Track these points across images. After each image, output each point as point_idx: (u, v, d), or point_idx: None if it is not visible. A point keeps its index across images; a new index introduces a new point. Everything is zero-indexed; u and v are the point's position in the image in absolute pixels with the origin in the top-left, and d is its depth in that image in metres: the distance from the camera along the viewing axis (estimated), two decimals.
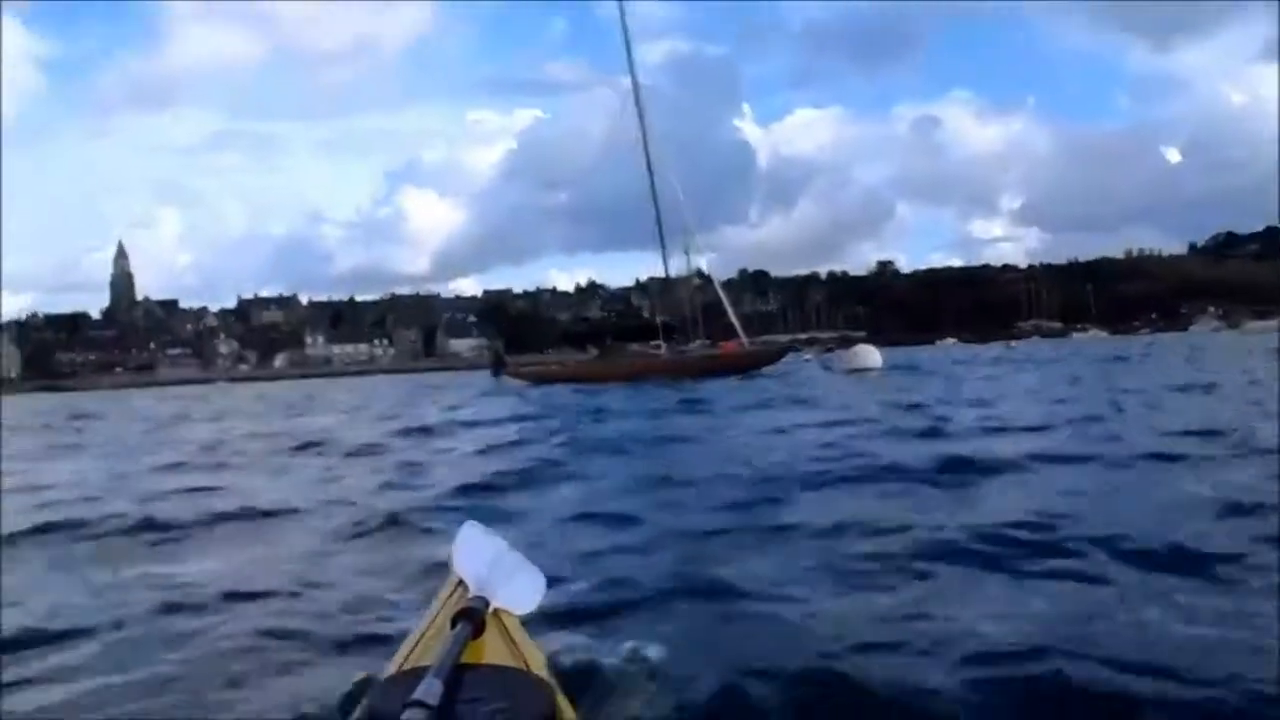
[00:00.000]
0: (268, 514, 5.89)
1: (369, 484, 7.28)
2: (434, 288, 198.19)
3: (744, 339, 31.94)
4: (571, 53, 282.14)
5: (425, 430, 12.93)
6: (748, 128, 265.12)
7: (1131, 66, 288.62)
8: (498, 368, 37.43)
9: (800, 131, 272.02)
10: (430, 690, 1.30)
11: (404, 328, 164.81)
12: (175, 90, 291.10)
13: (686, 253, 33.85)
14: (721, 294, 34.53)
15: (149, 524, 5.51)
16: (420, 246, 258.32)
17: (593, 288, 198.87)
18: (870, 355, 27.90)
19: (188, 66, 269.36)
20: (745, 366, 28.89)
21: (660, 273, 34.04)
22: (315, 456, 9.91)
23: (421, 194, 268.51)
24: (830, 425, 10.13)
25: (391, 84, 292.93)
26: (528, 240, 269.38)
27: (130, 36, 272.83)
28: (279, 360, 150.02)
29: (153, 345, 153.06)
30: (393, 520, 5.25)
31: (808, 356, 43.82)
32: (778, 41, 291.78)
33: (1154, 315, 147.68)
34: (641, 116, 32.96)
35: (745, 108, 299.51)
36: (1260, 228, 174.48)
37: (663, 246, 33.14)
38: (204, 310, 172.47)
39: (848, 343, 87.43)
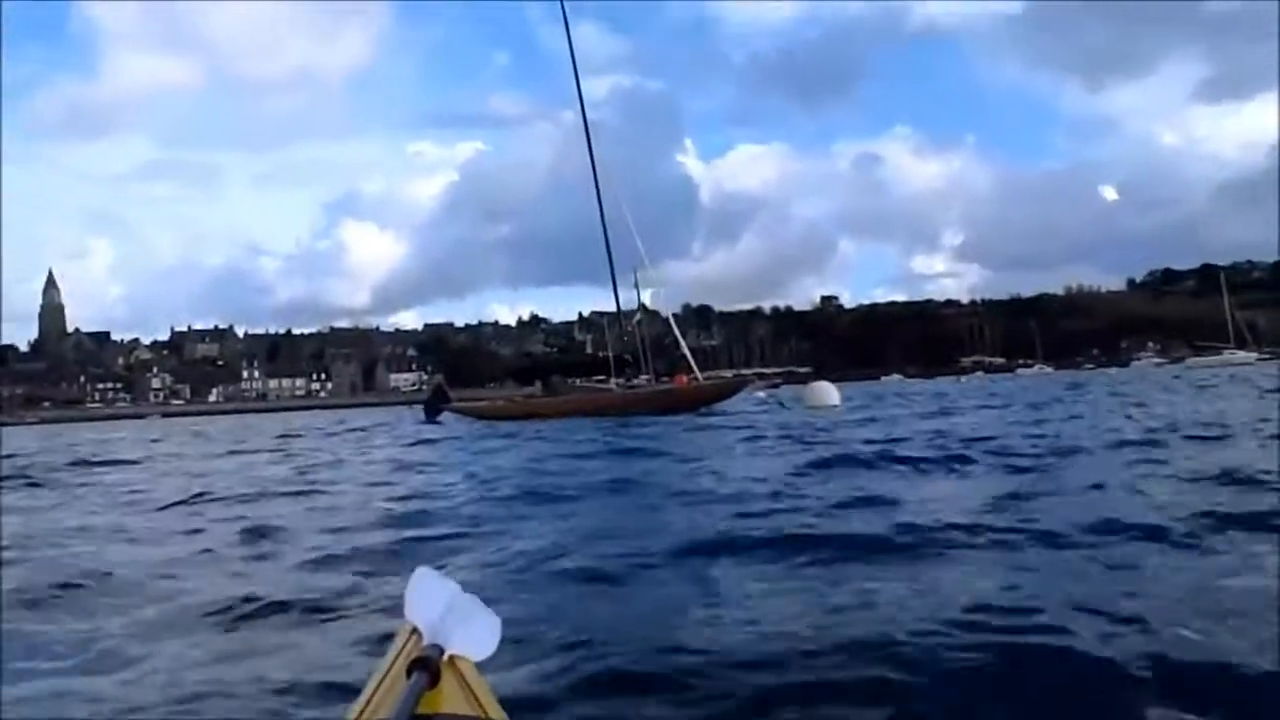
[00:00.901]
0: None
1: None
2: (374, 321, 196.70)
3: (697, 374, 30.62)
4: (514, 86, 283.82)
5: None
6: (690, 163, 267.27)
7: (1068, 106, 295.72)
8: (435, 404, 33.80)
9: (743, 167, 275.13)
10: None
11: (343, 362, 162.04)
12: (111, 118, 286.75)
13: (636, 286, 32.39)
14: (675, 327, 33.22)
15: None
16: (360, 279, 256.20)
17: (535, 321, 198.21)
18: (829, 392, 26.69)
19: (124, 94, 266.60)
20: (700, 402, 27.56)
21: (603, 307, 32.78)
22: None
23: (361, 226, 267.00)
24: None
25: (332, 114, 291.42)
26: (469, 273, 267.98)
27: (65, 62, 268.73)
28: (213, 394, 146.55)
29: (82, 379, 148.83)
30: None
31: (761, 393, 42.51)
32: (720, 77, 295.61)
33: (1095, 351, 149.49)
34: (591, 147, 31.56)
35: (688, 143, 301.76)
36: (1196, 264, 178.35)
37: (614, 280, 31.68)
38: (136, 342, 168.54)
39: (793, 378, 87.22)
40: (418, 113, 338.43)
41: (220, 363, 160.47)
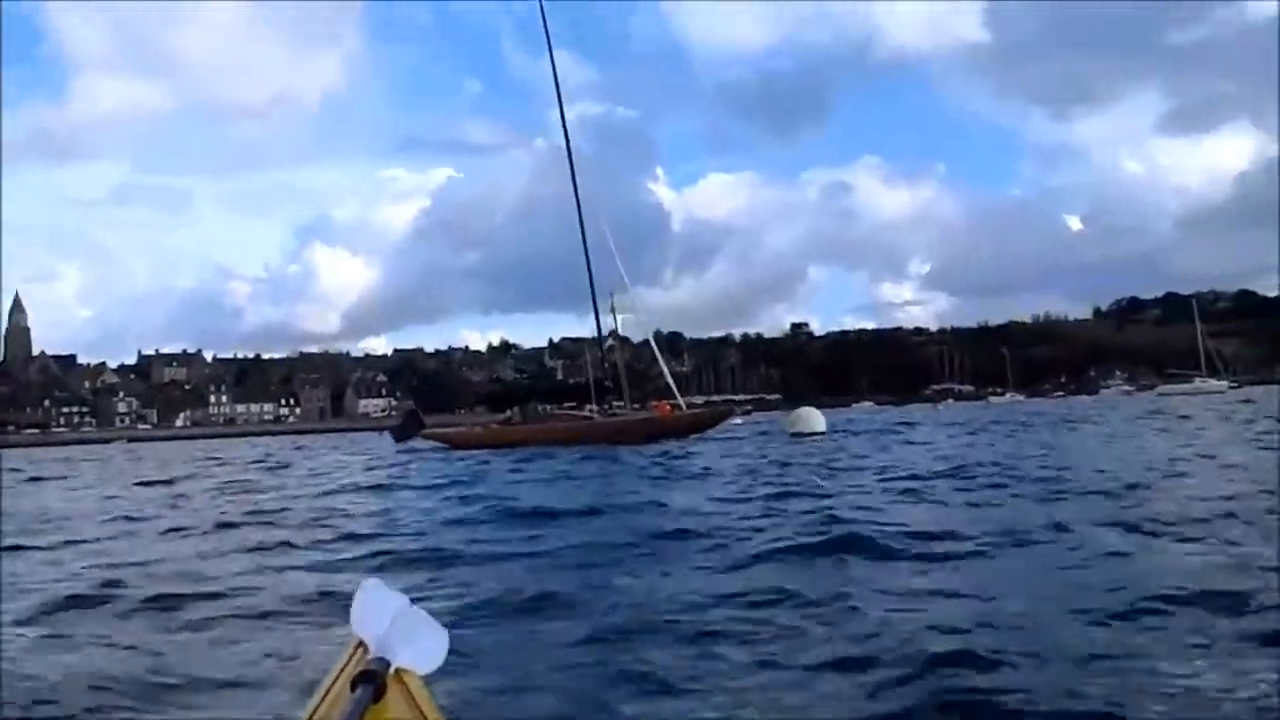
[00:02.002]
0: None
1: None
2: (343, 346, 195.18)
3: (680, 401, 30.15)
4: (486, 113, 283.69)
5: None
6: (661, 191, 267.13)
7: (1034, 135, 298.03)
8: (407, 430, 32.97)
9: (714, 195, 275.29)
10: None
11: (311, 387, 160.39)
12: (81, 141, 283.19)
13: (613, 311, 31.84)
14: (658, 353, 32.83)
15: None
16: (330, 304, 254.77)
17: (506, 347, 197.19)
18: (815, 419, 26.42)
19: (95, 117, 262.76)
20: (686, 430, 27.14)
21: (574, 333, 32.35)
22: None
23: (332, 251, 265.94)
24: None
25: (304, 140, 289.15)
26: (440, 299, 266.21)
27: (35, 84, 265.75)
28: (180, 419, 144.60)
29: (47, 403, 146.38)
30: None
31: (737, 420, 42.13)
32: (690, 106, 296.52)
33: (1063, 379, 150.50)
34: (573, 168, 31.26)
35: (659, 171, 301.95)
36: (1161, 293, 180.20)
37: (595, 304, 31.21)
38: (102, 366, 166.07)
39: (764, 405, 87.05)
40: (390, 139, 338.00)
41: (188, 387, 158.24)
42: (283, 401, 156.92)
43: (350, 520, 9.09)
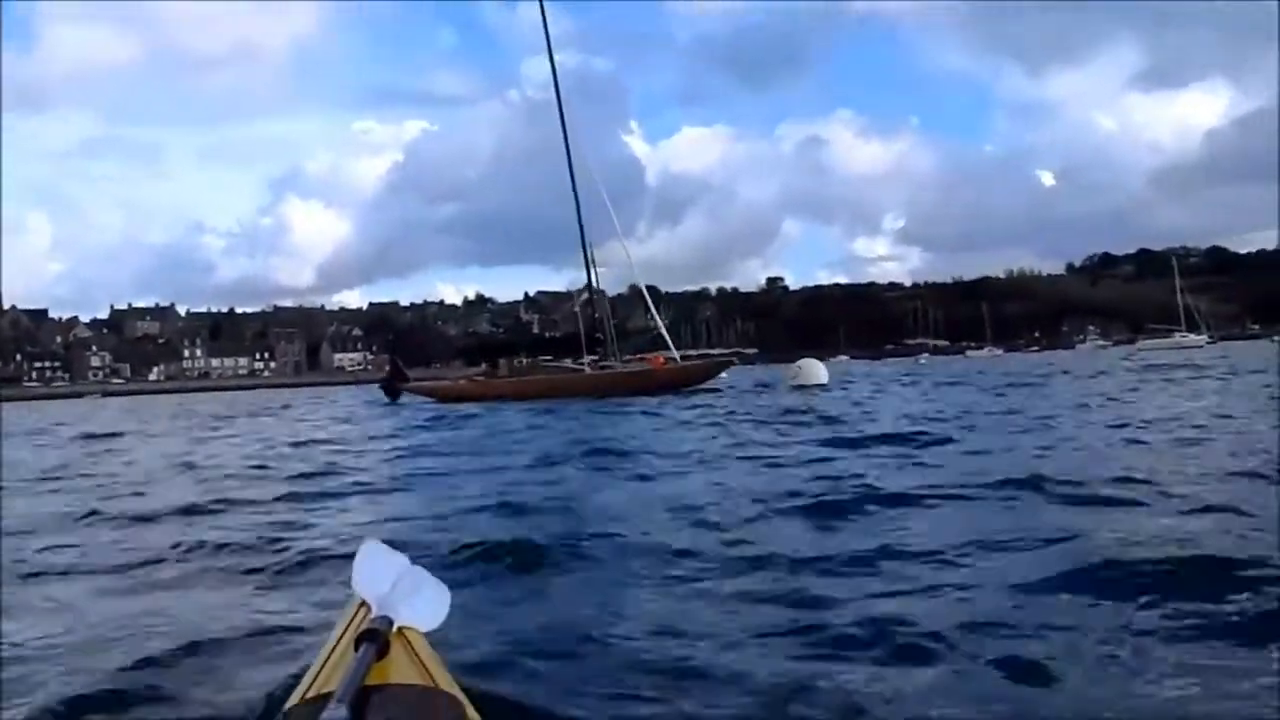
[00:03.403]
0: None
1: None
2: (318, 300, 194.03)
3: (675, 353, 29.78)
4: (460, 65, 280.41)
5: None
6: (636, 144, 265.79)
7: (1008, 91, 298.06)
8: (393, 384, 32.50)
9: (688, 149, 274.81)
10: (336, 716, 1.28)
11: (286, 341, 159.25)
12: (49, 93, 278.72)
13: (593, 263, 31.00)
14: (650, 304, 32.48)
15: None
16: (304, 258, 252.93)
17: (481, 301, 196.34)
18: (819, 370, 26.14)
19: (62, 69, 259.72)
20: (682, 383, 26.88)
21: (549, 287, 31.76)
22: None
23: (306, 204, 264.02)
24: None
25: (275, 90, 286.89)
26: (414, 253, 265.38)
27: (3, 35, 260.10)
28: (154, 374, 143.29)
29: (19, 357, 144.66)
30: None
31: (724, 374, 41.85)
32: (665, 58, 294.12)
33: (1036, 333, 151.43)
34: (564, 123, 30.56)
35: (633, 124, 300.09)
36: (1133, 249, 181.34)
37: (586, 254, 30.58)
38: (74, 320, 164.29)
39: (741, 359, 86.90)
40: (363, 90, 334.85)
41: (161, 341, 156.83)
42: (257, 356, 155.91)
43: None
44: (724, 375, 29.56)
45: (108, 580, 4.23)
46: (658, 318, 31.63)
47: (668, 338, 30.50)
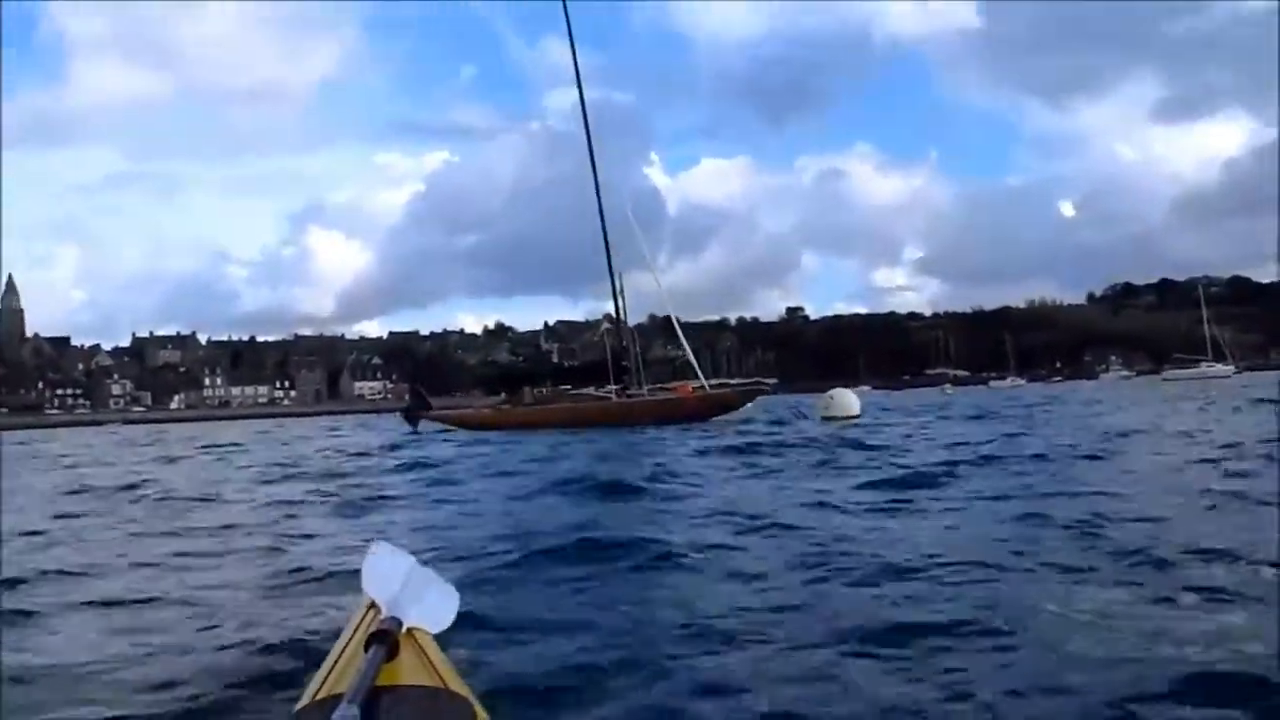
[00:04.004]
0: None
1: None
2: (338, 329, 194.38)
3: (704, 382, 29.46)
4: (481, 98, 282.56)
5: None
6: (656, 175, 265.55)
7: (1028, 124, 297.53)
8: (415, 411, 32.15)
9: (708, 180, 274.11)
10: (347, 717, 1.28)
11: (307, 369, 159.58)
12: (77, 127, 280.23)
13: (622, 293, 30.62)
14: (679, 332, 32.12)
15: None
16: (325, 287, 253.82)
17: (501, 330, 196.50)
18: (851, 401, 25.68)
19: (92, 103, 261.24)
20: (710, 412, 26.60)
21: (568, 316, 31.52)
22: None
23: (328, 235, 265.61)
24: None
25: (299, 125, 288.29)
26: (434, 283, 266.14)
27: (32, 70, 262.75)
28: (175, 402, 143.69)
29: (41, 385, 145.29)
30: None
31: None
32: (687, 91, 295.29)
33: (1058, 363, 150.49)
34: (592, 153, 30.51)
35: (654, 156, 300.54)
36: (1154, 279, 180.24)
37: (617, 286, 30.31)
38: (96, 348, 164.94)
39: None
40: (385, 124, 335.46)
41: (182, 370, 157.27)
42: (278, 384, 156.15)
43: None
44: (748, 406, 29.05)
45: None
46: (686, 346, 31.28)
47: (696, 366, 30.21)
